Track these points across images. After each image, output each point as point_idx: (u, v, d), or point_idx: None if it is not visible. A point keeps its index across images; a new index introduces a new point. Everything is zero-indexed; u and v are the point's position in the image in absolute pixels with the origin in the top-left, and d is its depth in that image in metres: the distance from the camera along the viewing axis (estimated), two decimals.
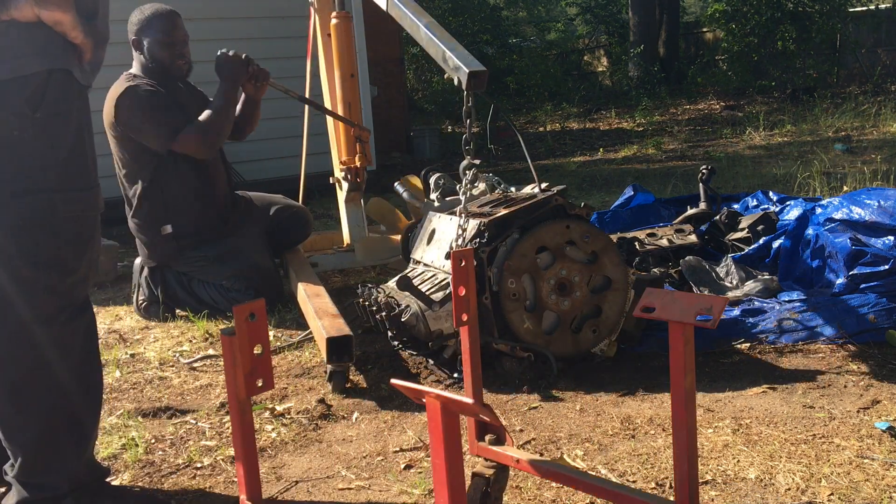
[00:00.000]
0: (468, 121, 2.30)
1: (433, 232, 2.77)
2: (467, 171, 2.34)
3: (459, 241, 2.32)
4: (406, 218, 3.32)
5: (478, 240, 2.41)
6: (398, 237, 3.28)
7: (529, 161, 2.86)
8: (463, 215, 2.30)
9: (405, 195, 3.21)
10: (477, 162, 2.33)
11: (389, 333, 2.60)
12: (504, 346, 2.39)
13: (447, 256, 2.57)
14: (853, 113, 9.48)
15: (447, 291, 2.42)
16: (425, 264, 2.72)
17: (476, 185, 2.95)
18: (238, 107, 3.52)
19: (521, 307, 2.39)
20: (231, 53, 3.33)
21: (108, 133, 3.33)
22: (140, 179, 3.33)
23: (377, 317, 2.58)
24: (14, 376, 1.60)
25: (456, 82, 2.35)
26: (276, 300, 3.45)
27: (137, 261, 3.56)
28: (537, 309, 2.42)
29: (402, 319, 2.45)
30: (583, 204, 2.58)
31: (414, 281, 2.60)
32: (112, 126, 3.29)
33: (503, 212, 2.49)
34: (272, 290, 3.45)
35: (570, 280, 2.44)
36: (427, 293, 2.49)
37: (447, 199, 3.02)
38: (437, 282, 2.55)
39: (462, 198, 2.33)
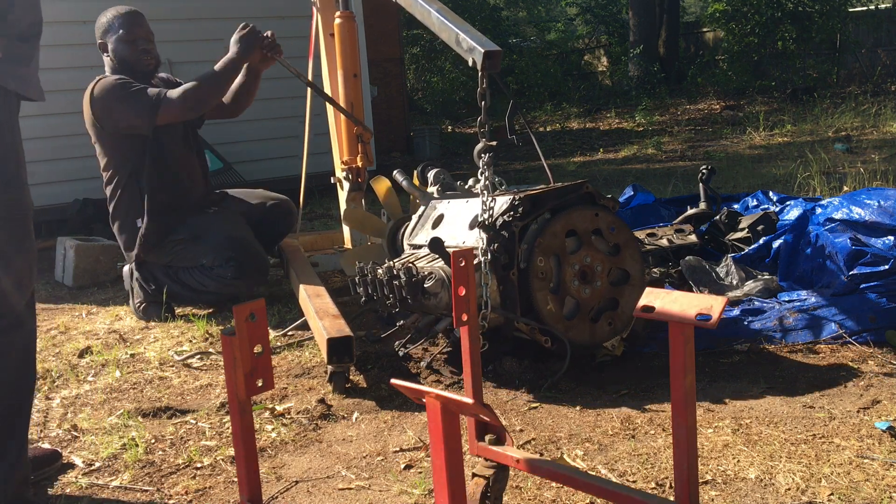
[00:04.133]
0: (482, 103, 2.29)
1: (440, 217, 2.74)
2: (483, 154, 2.32)
3: (486, 216, 2.30)
4: (384, 220, 3.31)
5: (511, 213, 2.37)
6: (380, 241, 3.27)
7: (543, 160, 2.85)
8: (485, 193, 2.29)
9: (404, 184, 3.20)
10: (493, 144, 2.32)
11: (403, 303, 2.48)
12: (525, 325, 2.35)
13: (472, 226, 2.53)
14: (853, 113, 9.48)
15: (474, 262, 2.34)
16: None
17: (476, 184, 2.93)
18: (239, 78, 3.53)
19: (546, 287, 2.38)
20: (250, 28, 3.38)
21: (91, 133, 3.38)
22: (115, 181, 3.39)
23: (393, 283, 2.46)
24: None
25: (471, 63, 2.34)
26: (260, 271, 3.39)
27: (126, 267, 3.58)
28: (560, 292, 2.41)
29: (426, 286, 2.38)
30: (609, 196, 2.57)
31: (420, 262, 2.56)
32: (92, 125, 3.34)
33: (536, 190, 2.48)
34: (253, 259, 3.37)
35: (592, 268, 2.44)
36: None
37: (447, 193, 3.00)
38: None
39: (482, 178, 2.32)
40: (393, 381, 1.28)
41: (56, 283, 4.35)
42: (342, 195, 3.91)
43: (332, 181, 4.01)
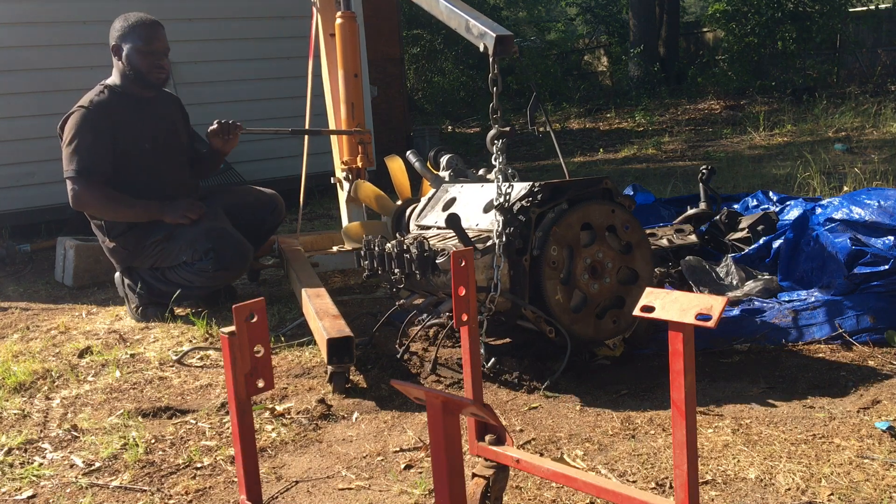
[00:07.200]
0: (494, 88, 2.28)
1: (452, 200, 2.73)
2: (496, 141, 2.31)
3: (501, 201, 2.30)
4: (393, 201, 3.31)
5: (529, 199, 2.37)
6: (385, 221, 3.27)
7: (560, 156, 2.85)
8: (499, 177, 2.28)
9: (417, 165, 3.20)
10: (507, 129, 2.31)
11: (410, 278, 2.45)
12: (531, 313, 2.35)
13: (487, 209, 2.52)
14: (853, 113, 9.48)
15: (487, 244, 2.35)
16: (439, 227, 2.68)
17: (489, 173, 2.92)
18: (206, 154, 3.70)
19: (557, 277, 2.37)
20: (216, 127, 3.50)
21: None
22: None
23: (403, 257, 2.43)
24: None
25: (482, 49, 2.33)
26: (241, 258, 3.36)
27: (116, 274, 3.59)
28: (569, 284, 2.40)
29: (438, 261, 2.35)
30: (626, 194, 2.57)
31: (433, 239, 2.54)
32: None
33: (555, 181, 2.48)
34: (231, 248, 3.33)
35: (603, 264, 2.44)
36: (473, 238, 2.40)
37: (459, 178, 3.00)
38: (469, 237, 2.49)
39: (496, 164, 2.31)
40: (393, 381, 1.28)
41: (56, 283, 4.35)
42: (342, 195, 3.90)
43: (332, 181, 4.01)
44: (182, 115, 3.71)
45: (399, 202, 3.22)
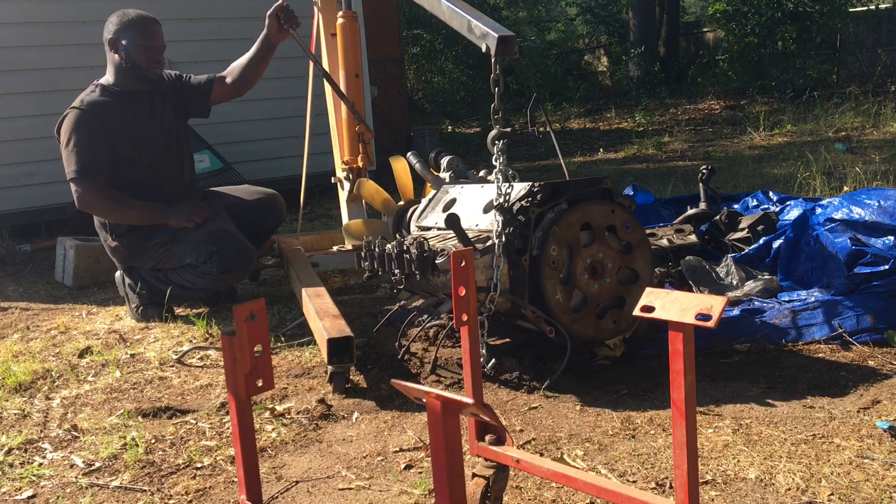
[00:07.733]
0: (496, 89, 2.28)
1: (452, 201, 2.74)
2: (497, 141, 2.31)
3: (501, 201, 2.30)
4: (395, 201, 3.32)
5: (529, 199, 2.37)
6: (385, 220, 3.27)
7: (560, 156, 2.85)
8: (499, 178, 2.28)
9: (418, 167, 3.20)
10: (508, 130, 2.31)
11: (409, 279, 2.45)
12: (531, 313, 2.34)
13: (486, 210, 2.52)
14: (853, 113, 9.48)
15: (487, 244, 2.35)
16: (439, 228, 2.69)
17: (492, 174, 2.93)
18: (252, 50, 3.59)
19: (557, 276, 2.37)
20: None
21: None
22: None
23: (403, 258, 2.44)
24: None
25: (484, 49, 2.34)
26: (245, 261, 3.36)
27: (118, 273, 3.59)
28: (569, 284, 2.40)
29: (438, 261, 2.35)
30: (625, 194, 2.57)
31: (433, 240, 2.54)
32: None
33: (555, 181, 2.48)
34: (235, 251, 3.32)
35: (603, 264, 2.44)
36: (473, 239, 2.41)
37: (460, 179, 3.00)
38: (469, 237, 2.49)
39: (496, 164, 2.31)
40: (393, 381, 1.27)
41: (56, 283, 4.35)
42: (342, 195, 3.91)
43: (333, 181, 4.01)
44: (177, 94, 3.61)
45: (401, 202, 3.22)
